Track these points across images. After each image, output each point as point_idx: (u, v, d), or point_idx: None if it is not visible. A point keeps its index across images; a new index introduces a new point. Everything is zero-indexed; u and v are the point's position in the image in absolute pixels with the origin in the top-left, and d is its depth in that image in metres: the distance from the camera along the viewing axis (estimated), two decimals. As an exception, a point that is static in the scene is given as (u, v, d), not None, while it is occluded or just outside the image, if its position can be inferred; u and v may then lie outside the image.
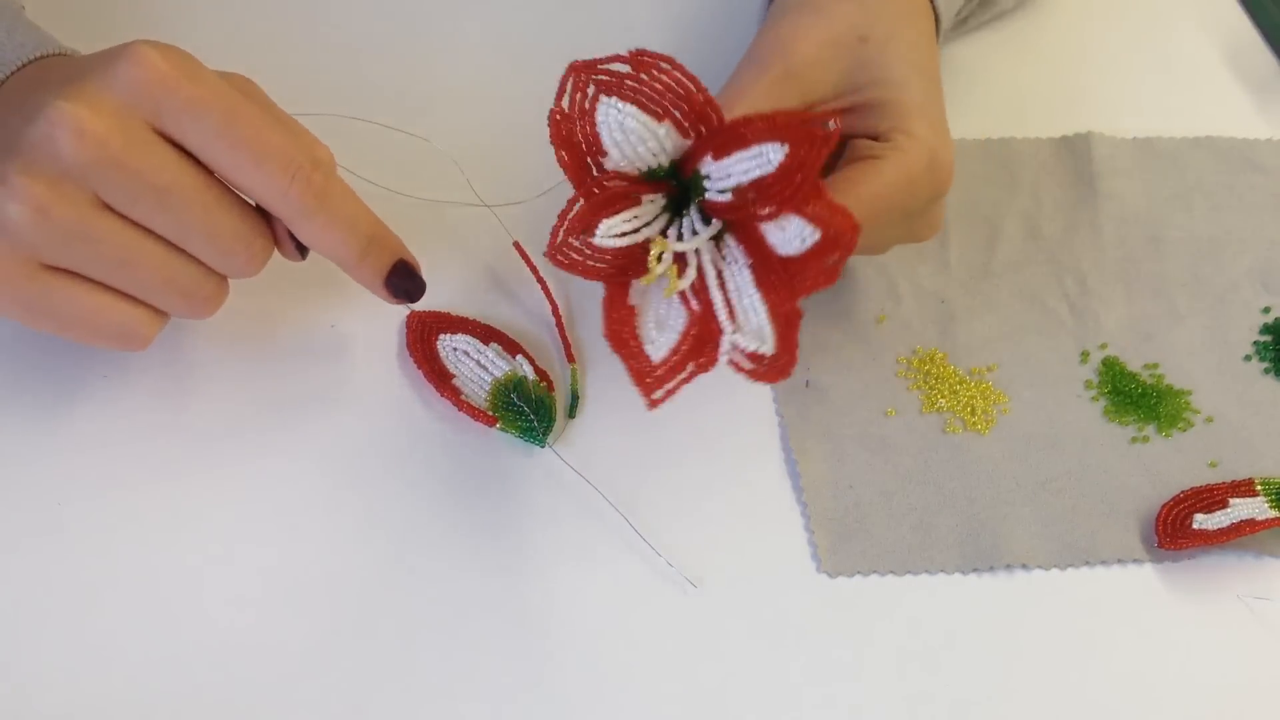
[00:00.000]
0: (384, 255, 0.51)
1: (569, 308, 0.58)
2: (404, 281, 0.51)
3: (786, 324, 0.47)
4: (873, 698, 0.50)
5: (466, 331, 0.56)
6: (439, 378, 0.54)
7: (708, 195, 0.48)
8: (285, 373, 0.54)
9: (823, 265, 0.46)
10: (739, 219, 0.48)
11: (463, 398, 0.54)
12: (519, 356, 0.55)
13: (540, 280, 0.57)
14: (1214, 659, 0.52)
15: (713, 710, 0.49)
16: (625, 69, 0.47)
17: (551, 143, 0.48)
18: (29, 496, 0.50)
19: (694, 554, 0.52)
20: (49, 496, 0.50)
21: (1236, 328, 0.62)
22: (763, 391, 0.57)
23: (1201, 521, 0.54)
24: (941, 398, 0.57)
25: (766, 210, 0.46)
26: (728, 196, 0.47)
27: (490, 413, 0.54)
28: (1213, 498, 0.55)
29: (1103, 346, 0.60)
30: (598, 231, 0.48)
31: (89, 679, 0.47)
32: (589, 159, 0.49)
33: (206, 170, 0.47)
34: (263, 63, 0.63)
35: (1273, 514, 0.54)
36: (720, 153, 0.47)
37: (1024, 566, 0.53)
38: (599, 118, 0.47)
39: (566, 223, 0.49)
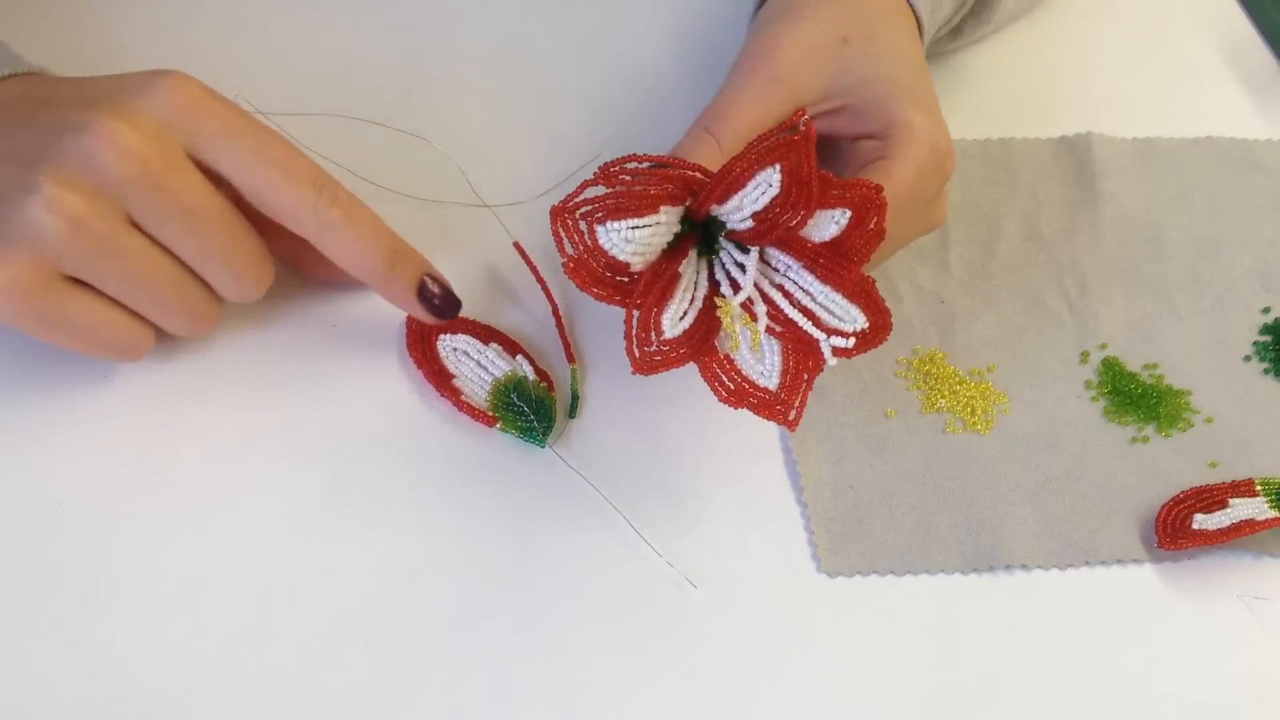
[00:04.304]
0: (410, 268, 0.52)
1: (569, 308, 0.58)
2: (436, 294, 0.53)
3: (865, 295, 0.49)
4: (872, 698, 0.49)
5: (466, 331, 0.56)
6: (439, 378, 0.54)
7: (730, 227, 0.49)
8: (285, 373, 0.54)
9: (866, 232, 0.48)
10: (773, 237, 0.49)
11: (463, 398, 0.54)
12: (519, 356, 0.55)
13: (540, 280, 0.57)
14: (1214, 659, 0.52)
15: (712, 710, 0.49)
16: (600, 189, 0.48)
17: (582, 290, 0.49)
18: (29, 496, 0.50)
19: (694, 554, 0.52)
20: (49, 496, 0.50)
21: (1236, 328, 0.62)
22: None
23: (1201, 521, 0.54)
24: (941, 398, 0.57)
25: (795, 221, 0.48)
26: (750, 224, 0.48)
27: (490, 413, 0.54)
28: (1213, 498, 0.55)
29: (1103, 346, 0.60)
30: (664, 328, 0.49)
31: (89, 679, 0.46)
32: (618, 278, 0.49)
33: (227, 197, 0.49)
34: (263, 63, 0.63)
35: (1273, 514, 0.54)
36: (723, 199, 0.48)
37: (1024, 566, 0.53)
38: (604, 245, 0.47)
39: (635, 336, 0.49)
